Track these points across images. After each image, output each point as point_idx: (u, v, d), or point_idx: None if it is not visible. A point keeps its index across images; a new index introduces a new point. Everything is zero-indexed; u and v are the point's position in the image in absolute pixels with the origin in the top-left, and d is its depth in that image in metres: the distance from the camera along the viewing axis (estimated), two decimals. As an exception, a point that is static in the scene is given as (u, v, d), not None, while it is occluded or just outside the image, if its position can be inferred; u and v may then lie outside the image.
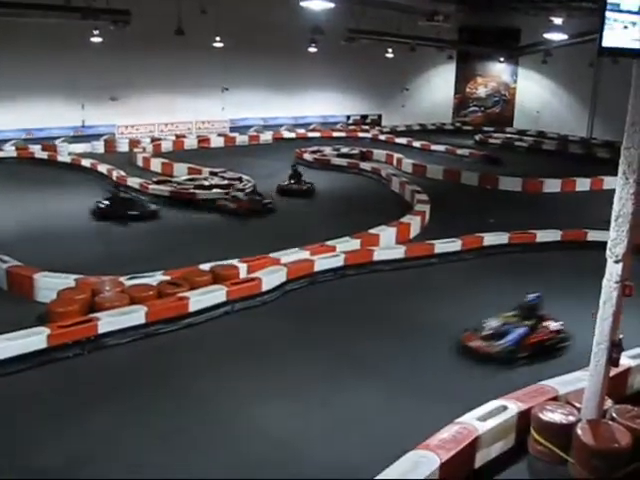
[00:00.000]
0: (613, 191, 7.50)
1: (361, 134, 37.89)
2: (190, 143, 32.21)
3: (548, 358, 10.97)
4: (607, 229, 7.60)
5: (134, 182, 21.76)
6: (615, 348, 7.69)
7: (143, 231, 18.01)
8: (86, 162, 25.41)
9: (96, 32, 26.02)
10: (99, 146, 30.02)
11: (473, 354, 10.95)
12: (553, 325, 11.43)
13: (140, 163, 26.80)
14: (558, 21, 28.43)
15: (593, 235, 16.73)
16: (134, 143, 30.37)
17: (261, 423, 8.81)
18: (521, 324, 11.10)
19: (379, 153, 30.97)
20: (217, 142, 33.17)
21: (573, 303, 12.28)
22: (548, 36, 30.36)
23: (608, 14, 6.40)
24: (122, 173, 22.92)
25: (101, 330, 10.81)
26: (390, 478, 6.78)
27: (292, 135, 35.61)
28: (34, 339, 10.13)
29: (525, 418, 8.18)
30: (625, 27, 6.43)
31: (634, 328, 9.18)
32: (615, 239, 7.48)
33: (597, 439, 7.60)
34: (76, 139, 29.74)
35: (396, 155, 29.77)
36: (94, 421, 8.70)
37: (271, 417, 8.95)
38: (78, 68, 27.98)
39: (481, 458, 7.82)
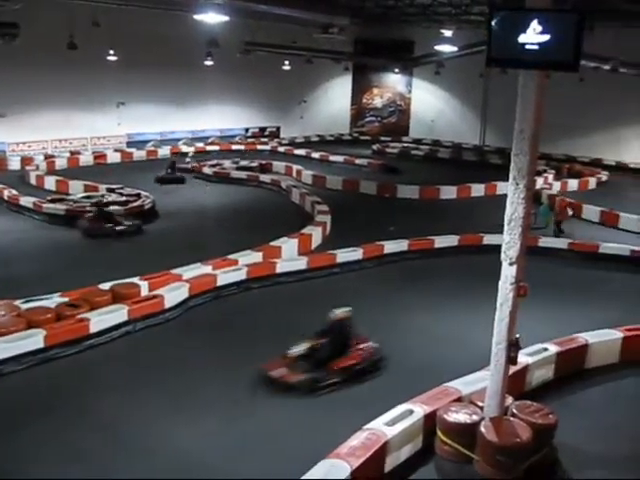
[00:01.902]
0: (506, 196, 7.76)
1: (260, 146, 37.91)
2: (86, 159, 31.25)
3: None
4: (502, 233, 7.86)
5: (27, 201, 20.96)
6: (513, 347, 7.99)
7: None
8: (-26, 182, 24.27)
9: (-20, 46, 24.92)
10: (-12, 165, 28.71)
11: None
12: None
13: (33, 181, 25.80)
14: (448, 33, 29.50)
15: (489, 239, 17.29)
16: (26, 161, 29.20)
17: (169, 440, 8.70)
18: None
19: (278, 165, 31.09)
20: (114, 158, 32.32)
21: (470, 304, 12.82)
22: (439, 48, 31.27)
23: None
24: (14, 192, 22.04)
25: (-5, 357, 10.34)
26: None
27: (191, 149, 35.12)
28: None
29: (431, 420, 8.37)
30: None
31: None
32: (509, 242, 7.74)
33: (500, 436, 7.86)
34: (-37, 158, 28.36)
35: (295, 167, 29.97)
36: None
37: (179, 436, 8.82)
38: (-38, 84, 26.75)
39: (391, 462, 7.95)
